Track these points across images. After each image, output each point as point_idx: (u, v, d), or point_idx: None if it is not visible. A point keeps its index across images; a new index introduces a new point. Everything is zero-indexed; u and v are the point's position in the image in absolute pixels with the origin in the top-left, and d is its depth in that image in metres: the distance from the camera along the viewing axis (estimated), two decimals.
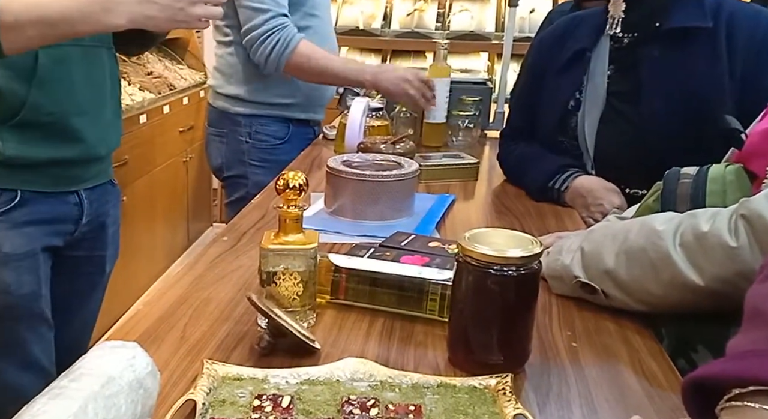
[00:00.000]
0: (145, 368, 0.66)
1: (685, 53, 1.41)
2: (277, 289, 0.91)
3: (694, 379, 0.55)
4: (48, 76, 1.26)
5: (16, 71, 1.23)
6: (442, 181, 1.71)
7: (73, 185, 1.38)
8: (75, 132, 1.32)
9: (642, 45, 1.46)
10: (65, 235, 1.39)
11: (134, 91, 3.12)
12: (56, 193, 1.34)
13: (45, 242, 1.34)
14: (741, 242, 0.83)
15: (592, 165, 1.52)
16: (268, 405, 0.72)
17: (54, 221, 1.35)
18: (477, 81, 2.31)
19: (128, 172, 2.81)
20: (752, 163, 1.02)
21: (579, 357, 0.89)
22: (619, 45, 1.49)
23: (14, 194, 1.28)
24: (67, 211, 1.38)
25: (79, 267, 1.47)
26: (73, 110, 1.31)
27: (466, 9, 4.02)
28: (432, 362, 0.87)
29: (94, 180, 1.42)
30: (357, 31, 3.98)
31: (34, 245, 1.32)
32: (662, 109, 1.41)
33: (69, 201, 1.37)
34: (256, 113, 2.02)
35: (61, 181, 1.35)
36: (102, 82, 1.39)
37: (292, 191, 0.90)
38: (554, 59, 1.59)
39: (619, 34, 1.48)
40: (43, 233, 1.33)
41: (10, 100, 1.23)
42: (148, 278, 3.22)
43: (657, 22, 1.44)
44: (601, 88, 1.49)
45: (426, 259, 1.08)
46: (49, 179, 1.32)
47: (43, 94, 1.25)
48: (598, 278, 1.00)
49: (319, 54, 1.95)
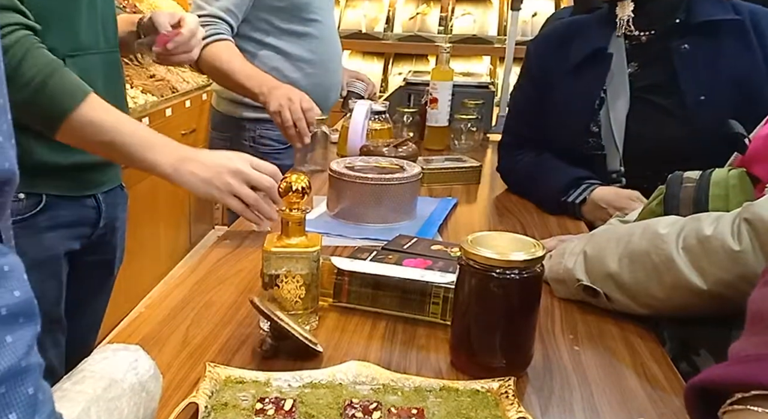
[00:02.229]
0: (147, 371, 0.66)
1: (717, 44, 1.43)
2: (279, 292, 0.91)
3: (697, 383, 0.55)
4: None
5: None
6: (444, 184, 1.71)
7: (93, 188, 1.40)
8: None
9: (665, 40, 1.46)
10: (83, 239, 1.40)
11: (137, 93, 3.13)
12: (77, 197, 1.36)
13: (66, 246, 1.36)
14: (744, 246, 0.83)
15: (621, 161, 1.49)
16: (271, 409, 0.72)
17: (74, 224, 1.37)
18: (479, 84, 2.31)
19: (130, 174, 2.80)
20: (755, 167, 1.02)
21: (581, 360, 0.89)
22: (636, 43, 1.50)
23: (39, 198, 1.29)
24: (86, 214, 1.40)
25: (92, 271, 1.49)
26: None
27: (469, 13, 4.03)
28: (434, 365, 0.87)
29: (110, 183, 1.45)
30: (360, 34, 3.99)
31: (57, 250, 1.34)
32: (707, 96, 1.42)
33: (88, 204, 1.40)
34: (260, 116, 2.03)
35: (82, 185, 1.37)
36: (117, 86, 1.42)
37: (295, 194, 0.90)
38: (560, 63, 1.57)
39: (635, 33, 1.49)
40: (64, 238, 1.35)
41: None
42: (151, 281, 3.22)
43: (677, 18, 1.46)
44: (624, 85, 1.48)
45: (428, 262, 1.08)
46: (72, 183, 1.34)
47: None
48: (600, 281, 0.99)
49: (225, 57, 1.89)
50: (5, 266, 0.38)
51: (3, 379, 0.36)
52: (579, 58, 1.54)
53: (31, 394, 0.38)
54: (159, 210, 3.32)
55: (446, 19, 4.07)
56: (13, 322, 0.38)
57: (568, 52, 1.56)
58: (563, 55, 1.57)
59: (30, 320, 0.39)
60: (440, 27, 4.04)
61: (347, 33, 3.94)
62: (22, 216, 1.28)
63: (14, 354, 0.37)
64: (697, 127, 1.42)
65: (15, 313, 0.38)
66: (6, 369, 0.36)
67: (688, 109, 1.43)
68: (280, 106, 1.77)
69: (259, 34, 2.00)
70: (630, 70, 1.49)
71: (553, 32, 1.69)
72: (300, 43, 2.03)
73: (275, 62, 2.01)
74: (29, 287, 0.39)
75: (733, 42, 1.42)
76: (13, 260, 0.39)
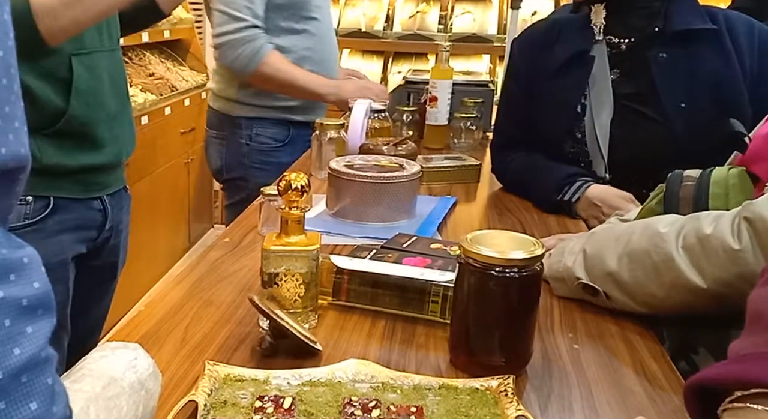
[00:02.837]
0: (146, 369, 0.66)
1: (695, 53, 1.44)
2: (278, 290, 0.91)
3: (696, 381, 0.55)
4: (84, 86, 1.29)
5: (53, 82, 1.26)
6: (443, 183, 1.71)
7: (99, 190, 1.40)
8: (104, 139, 1.35)
9: (644, 48, 1.47)
10: (89, 242, 1.40)
11: (136, 92, 3.13)
12: (84, 199, 1.37)
13: (74, 250, 1.36)
14: (744, 245, 0.83)
15: (606, 168, 1.50)
16: (270, 407, 0.72)
17: (81, 227, 1.37)
18: (479, 83, 2.31)
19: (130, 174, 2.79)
20: (755, 166, 1.02)
21: (581, 358, 0.89)
22: (617, 50, 1.50)
23: (47, 200, 1.30)
24: (93, 217, 1.40)
25: (97, 275, 1.49)
26: (103, 117, 1.35)
27: (469, 11, 4.02)
28: (433, 363, 0.87)
29: (115, 186, 1.45)
30: (359, 33, 3.98)
31: (66, 253, 1.34)
32: (688, 103, 1.43)
33: (94, 207, 1.40)
34: (256, 115, 2.03)
35: (90, 187, 1.37)
36: (121, 86, 1.43)
37: (294, 192, 0.90)
38: (542, 64, 1.57)
39: (615, 40, 1.49)
40: (72, 241, 1.35)
41: (50, 111, 1.26)
42: (150, 280, 3.22)
43: (655, 27, 1.47)
44: (607, 91, 1.49)
45: (428, 261, 1.08)
46: (80, 185, 1.34)
47: (80, 104, 1.29)
48: (600, 280, 0.99)
49: (284, 67, 1.96)
50: (24, 258, 0.38)
51: (25, 368, 0.36)
52: (562, 59, 1.54)
53: (50, 384, 0.38)
54: (158, 209, 3.31)
55: (446, 17, 4.06)
56: (33, 313, 0.38)
57: (551, 53, 1.56)
58: (546, 55, 1.57)
59: (48, 311, 0.39)
60: (440, 25, 4.03)
61: (347, 31, 3.94)
62: (31, 220, 1.28)
63: (35, 344, 0.37)
64: (679, 134, 1.43)
65: (35, 304, 0.38)
66: (28, 358, 0.37)
67: (669, 116, 1.44)
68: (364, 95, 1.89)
69: None
70: (612, 77, 1.50)
71: (536, 32, 1.67)
72: (297, 41, 2.03)
73: None
74: (47, 279, 0.39)
75: (710, 48, 1.44)
76: (31, 252, 0.39)
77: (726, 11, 1.51)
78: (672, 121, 1.43)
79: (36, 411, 0.36)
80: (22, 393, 0.36)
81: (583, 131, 1.51)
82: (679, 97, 1.44)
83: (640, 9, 1.47)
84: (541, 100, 1.58)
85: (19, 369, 0.36)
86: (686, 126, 1.42)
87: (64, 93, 1.26)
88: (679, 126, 1.43)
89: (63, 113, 1.26)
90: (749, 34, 1.44)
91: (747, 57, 1.42)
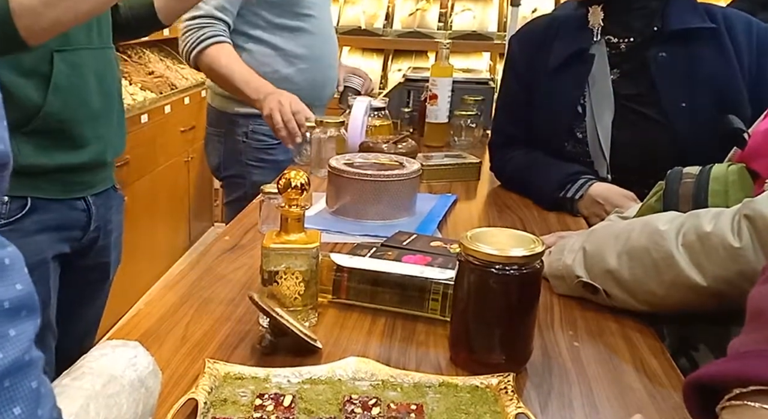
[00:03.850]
0: (146, 367, 0.66)
1: (694, 52, 1.44)
2: (278, 288, 0.91)
3: (696, 379, 0.55)
4: (64, 83, 1.26)
5: (32, 78, 1.22)
6: (443, 180, 1.71)
7: (82, 191, 1.37)
8: (85, 138, 1.32)
9: (643, 48, 1.47)
10: (73, 242, 1.38)
11: (135, 90, 3.13)
12: (65, 199, 1.34)
13: (55, 250, 1.34)
14: (744, 243, 0.83)
15: (608, 169, 1.49)
16: (270, 404, 0.72)
17: (63, 227, 1.35)
18: (479, 81, 2.31)
19: (129, 172, 2.82)
20: (755, 163, 1.02)
21: (581, 356, 0.89)
22: (616, 50, 1.50)
23: (24, 201, 1.27)
24: (76, 217, 1.37)
25: (86, 275, 1.47)
26: (85, 115, 1.31)
27: (469, 9, 4.02)
28: (434, 361, 0.87)
29: (101, 186, 1.42)
30: (359, 30, 3.98)
31: (45, 253, 1.32)
32: (688, 102, 1.43)
33: (77, 207, 1.37)
34: (253, 112, 2.02)
35: (71, 187, 1.34)
36: (111, 86, 1.39)
37: (294, 190, 0.90)
38: (540, 61, 1.56)
39: (614, 40, 1.49)
40: (53, 241, 1.33)
41: (26, 108, 1.22)
42: (150, 278, 3.22)
43: (654, 26, 1.46)
44: (607, 92, 1.48)
45: (428, 259, 1.08)
46: (59, 185, 1.32)
47: (58, 101, 1.25)
48: (600, 278, 0.99)
49: (224, 61, 1.91)
50: (6, 259, 0.38)
51: (8, 373, 0.36)
52: (561, 57, 1.53)
53: (34, 388, 0.38)
54: (158, 208, 3.31)
55: (446, 15, 4.06)
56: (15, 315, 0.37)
57: (549, 50, 1.55)
58: (545, 53, 1.56)
59: (32, 313, 0.39)
60: (440, 23, 4.03)
61: (346, 29, 3.94)
62: (7, 220, 1.25)
63: (18, 347, 0.37)
64: (680, 133, 1.43)
65: (18, 306, 0.37)
66: (11, 362, 0.36)
67: (670, 116, 1.44)
68: (271, 110, 1.81)
69: (251, 28, 1.99)
70: (612, 77, 1.49)
71: (535, 29, 1.67)
72: (293, 39, 2.02)
73: (268, 58, 2.00)
74: (30, 280, 0.39)
75: (709, 47, 1.43)
76: (12, 252, 0.38)
77: (725, 9, 1.50)
78: (673, 121, 1.43)
79: (20, 416, 0.36)
80: (4, 398, 0.36)
81: (583, 131, 1.50)
82: (679, 97, 1.44)
83: (637, 9, 1.47)
84: (540, 98, 1.57)
85: (2, 373, 0.36)
86: (687, 126, 1.42)
87: (42, 90, 1.23)
88: (680, 126, 1.43)
89: (39, 109, 1.23)
90: (747, 32, 1.44)
91: (746, 56, 1.42)
